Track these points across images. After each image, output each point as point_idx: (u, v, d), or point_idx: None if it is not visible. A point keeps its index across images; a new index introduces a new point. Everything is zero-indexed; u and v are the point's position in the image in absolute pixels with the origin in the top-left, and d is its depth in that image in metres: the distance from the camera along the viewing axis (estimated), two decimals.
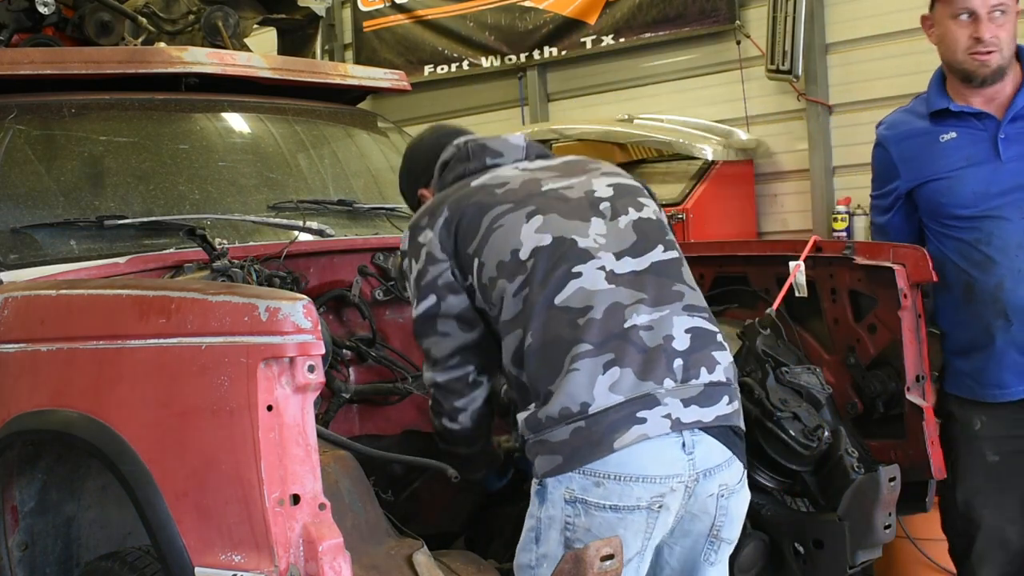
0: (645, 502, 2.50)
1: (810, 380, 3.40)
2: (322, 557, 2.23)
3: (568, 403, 2.49)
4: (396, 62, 8.88)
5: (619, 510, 2.49)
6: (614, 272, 2.62)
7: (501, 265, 2.66)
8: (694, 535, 2.68)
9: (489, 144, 2.92)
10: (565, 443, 2.49)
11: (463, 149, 2.92)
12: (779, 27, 7.00)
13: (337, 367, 3.52)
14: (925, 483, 3.46)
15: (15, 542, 2.92)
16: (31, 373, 2.74)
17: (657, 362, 2.53)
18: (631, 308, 2.57)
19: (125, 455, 2.44)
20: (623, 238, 2.70)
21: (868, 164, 3.71)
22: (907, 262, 3.40)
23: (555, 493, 2.52)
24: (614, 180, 2.84)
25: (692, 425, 2.53)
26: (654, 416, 2.49)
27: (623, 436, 2.47)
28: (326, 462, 2.48)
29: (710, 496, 2.62)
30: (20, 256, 3.32)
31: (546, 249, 2.64)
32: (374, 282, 3.70)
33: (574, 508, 2.51)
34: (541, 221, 2.67)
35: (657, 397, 2.51)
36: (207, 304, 2.38)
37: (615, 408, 2.48)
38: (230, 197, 3.86)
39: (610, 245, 2.67)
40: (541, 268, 2.62)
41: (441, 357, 2.80)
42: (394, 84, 4.77)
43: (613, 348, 2.52)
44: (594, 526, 2.50)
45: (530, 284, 2.61)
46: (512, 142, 2.94)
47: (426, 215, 2.80)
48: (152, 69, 4.02)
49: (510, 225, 2.68)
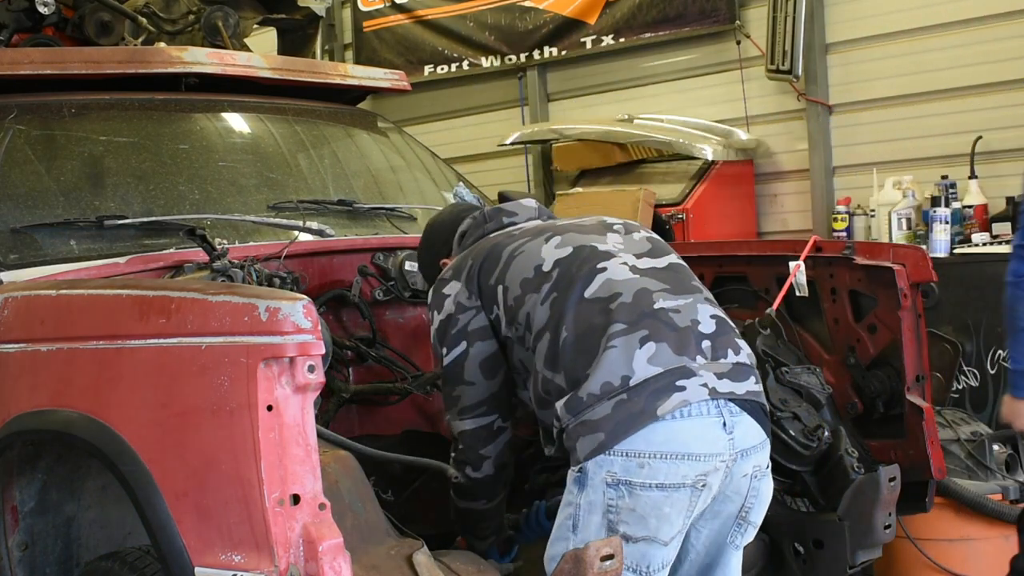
0: (691, 480, 2.55)
1: (810, 380, 3.40)
2: (322, 557, 2.23)
3: (609, 378, 2.55)
4: (396, 62, 8.87)
5: (665, 488, 2.54)
6: (636, 267, 2.77)
7: (525, 282, 2.79)
8: (723, 516, 2.72)
9: (505, 207, 3.12)
10: (608, 418, 2.54)
11: (480, 215, 3.11)
12: (779, 27, 6.99)
13: (337, 367, 3.52)
14: (925, 483, 3.46)
15: (15, 542, 2.92)
16: (31, 373, 2.74)
17: (688, 340, 2.64)
18: (657, 294, 2.70)
19: (125, 455, 2.44)
20: (639, 246, 2.87)
21: (868, 164, 3.72)
22: (907, 262, 3.40)
23: (596, 477, 2.55)
24: (624, 220, 3.04)
25: (726, 396, 2.61)
26: (692, 384, 2.57)
27: (665, 403, 2.53)
28: (326, 462, 2.47)
29: (744, 476, 2.67)
30: (20, 256, 3.32)
31: (568, 257, 2.79)
32: (374, 282, 3.71)
33: (617, 490, 2.54)
34: (560, 239, 2.85)
35: (692, 369, 2.60)
36: (207, 304, 2.38)
37: (655, 378, 2.56)
38: (230, 197, 3.86)
39: (628, 249, 2.84)
40: (566, 272, 2.75)
41: (469, 405, 2.91)
42: (394, 84, 4.77)
43: (646, 325, 2.62)
44: (639, 506, 2.54)
45: (557, 288, 2.73)
46: (525, 204, 3.14)
47: (451, 270, 2.97)
48: (152, 69, 4.01)
49: (530, 249, 2.85)
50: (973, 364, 5.45)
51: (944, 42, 6.55)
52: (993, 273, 5.41)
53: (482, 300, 2.87)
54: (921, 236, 6.09)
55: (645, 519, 2.54)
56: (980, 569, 4.28)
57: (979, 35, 6.42)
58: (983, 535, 4.28)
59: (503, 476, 3.01)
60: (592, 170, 7.37)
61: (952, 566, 4.23)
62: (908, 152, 6.67)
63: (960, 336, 5.36)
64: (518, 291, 2.80)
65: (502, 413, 2.94)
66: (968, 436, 4.47)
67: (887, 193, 6.31)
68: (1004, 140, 6.31)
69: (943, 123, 6.55)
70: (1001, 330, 5.33)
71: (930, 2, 6.59)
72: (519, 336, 2.81)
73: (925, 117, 6.64)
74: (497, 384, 2.91)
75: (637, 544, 2.56)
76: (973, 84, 6.46)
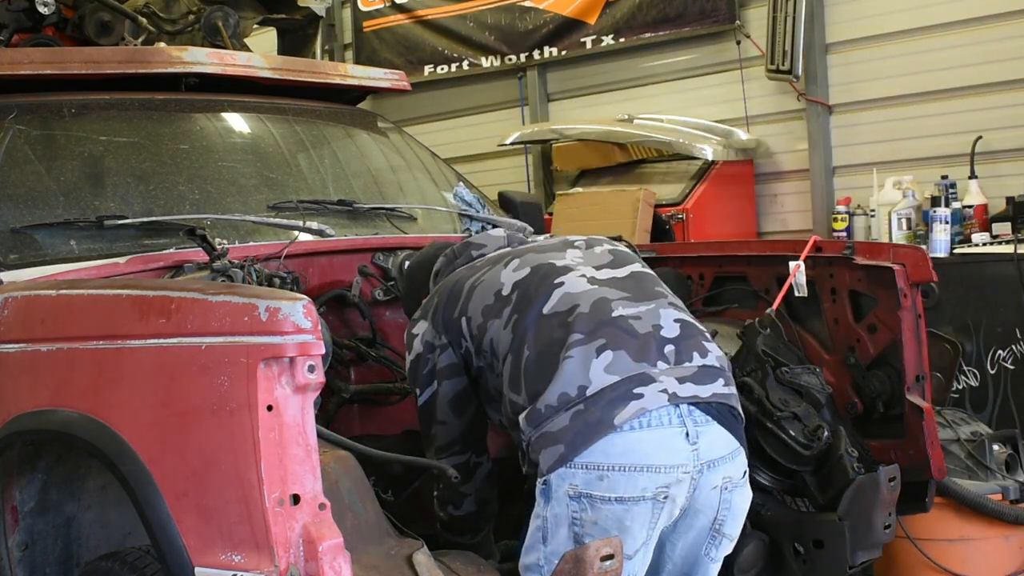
0: (651, 492, 2.53)
1: (810, 380, 3.40)
2: (322, 557, 2.23)
3: (565, 388, 2.54)
4: (396, 62, 8.87)
5: (624, 501, 2.52)
6: (595, 278, 2.76)
7: (487, 309, 2.80)
8: (696, 529, 2.70)
9: (474, 240, 3.13)
10: (566, 429, 2.52)
11: (451, 252, 3.13)
12: (779, 27, 6.99)
13: (337, 367, 3.52)
14: (925, 483, 3.46)
15: (15, 542, 2.92)
16: (31, 373, 2.74)
17: (648, 347, 2.61)
18: (617, 302, 2.67)
19: (125, 455, 2.44)
20: (600, 258, 2.87)
21: (868, 164, 3.72)
22: (907, 262, 3.40)
23: (559, 491, 2.54)
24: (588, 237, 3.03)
25: (688, 400, 2.57)
26: (651, 391, 2.54)
27: (622, 412, 2.51)
28: (326, 462, 2.47)
29: (714, 489, 2.64)
30: (20, 256, 3.32)
31: (526, 278, 2.79)
32: (374, 282, 3.70)
33: (579, 503, 2.53)
34: (518, 262, 2.85)
35: (652, 375, 2.57)
36: (207, 304, 2.38)
37: (611, 387, 2.53)
38: (230, 197, 3.86)
39: (588, 261, 2.83)
40: (524, 293, 2.75)
41: (443, 445, 2.95)
42: (394, 84, 4.76)
43: (604, 334, 2.59)
44: (601, 519, 2.53)
45: (517, 310, 2.73)
46: (494, 235, 3.15)
47: (420, 310, 2.99)
48: (152, 69, 4.01)
49: (489, 278, 2.85)
50: (973, 364, 5.45)
51: (944, 42, 6.56)
52: (993, 273, 5.43)
53: (448, 336, 2.89)
54: (921, 236, 6.09)
55: (607, 532, 2.53)
56: (980, 569, 4.28)
57: (979, 35, 6.42)
58: (983, 535, 4.28)
59: (486, 512, 3.05)
60: (592, 170, 7.37)
61: (952, 566, 4.23)
62: (908, 152, 6.67)
63: (960, 336, 5.36)
64: (480, 319, 2.81)
65: (476, 449, 2.99)
66: (968, 436, 4.47)
67: (887, 193, 6.31)
68: (1004, 140, 6.31)
69: (943, 123, 6.55)
70: (1001, 330, 5.34)
71: (930, 2, 6.59)
72: (488, 364, 2.83)
73: (925, 117, 6.64)
74: (467, 421, 2.95)
75: None
76: (973, 84, 6.46)
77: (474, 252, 3.08)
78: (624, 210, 6.32)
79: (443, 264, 3.13)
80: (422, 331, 2.94)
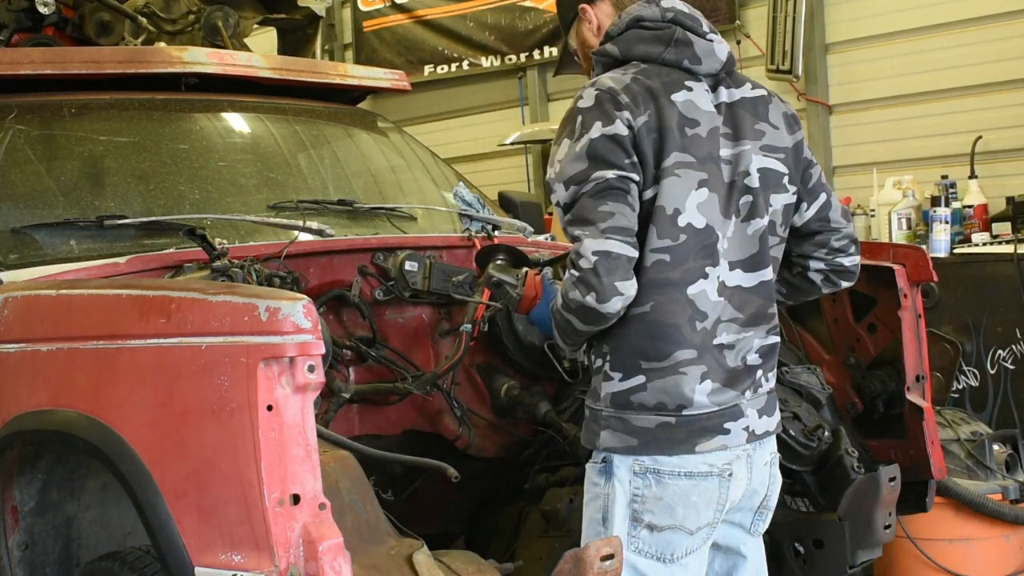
0: (718, 468, 2.55)
1: (810, 380, 3.40)
2: (322, 557, 2.23)
3: (666, 399, 2.52)
4: (396, 62, 8.88)
5: (693, 476, 2.53)
6: (724, 284, 2.57)
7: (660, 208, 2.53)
8: (745, 510, 2.72)
9: (695, 44, 2.63)
10: (647, 431, 2.52)
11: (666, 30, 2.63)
12: (779, 27, 6.99)
13: (337, 367, 3.52)
14: (925, 483, 3.46)
15: (15, 542, 2.92)
16: (31, 373, 2.74)
17: (740, 377, 2.60)
18: (725, 324, 2.57)
19: (125, 455, 2.44)
20: (745, 248, 2.61)
21: (868, 164, 3.72)
22: (907, 262, 3.40)
23: (622, 466, 2.55)
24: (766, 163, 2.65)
25: (762, 436, 2.63)
26: (736, 428, 2.57)
27: (705, 443, 2.53)
28: (326, 462, 2.47)
29: (764, 465, 2.68)
30: (20, 256, 3.32)
31: (699, 233, 2.53)
32: (374, 282, 3.70)
33: (644, 479, 2.53)
34: (705, 196, 2.54)
35: (741, 408, 2.58)
36: (207, 304, 2.38)
37: (707, 416, 2.53)
38: (230, 197, 3.86)
39: (731, 252, 2.59)
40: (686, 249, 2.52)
41: (623, 227, 2.47)
42: (394, 84, 4.76)
43: (706, 361, 2.55)
44: (667, 495, 2.53)
45: (671, 251, 2.52)
46: (717, 53, 2.66)
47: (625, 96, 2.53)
48: (152, 69, 4.01)
49: (684, 180, 2.53)
50: (973, 364, 5.46)
51: (944, 42, 6.56)
52: (993, 273, 5.43)
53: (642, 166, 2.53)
54: (921, 236, 6.10)
55: (672, 508, 2.53)
56: (980, 569, 4.29)
57: (979, 35, 6.43)
58: (983, 535, 4.29)
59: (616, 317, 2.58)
60: None
61: (952, 566, 4.24)
62: (908, 152, 6.68)
63: (960, 336, 5.36)
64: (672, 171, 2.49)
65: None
66: (968, 436, 4.47)
67: (887, 193, 6.31)
68: (1004, 140, 6.32)
69: (943, 123, 6.56)
70: (1001, 330, 5.34)
71: (930, 2, 6.60)
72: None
73: (925, 117, 6.65)
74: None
75: (662, 533, 2.55)
76: (973, 84, 6.46)
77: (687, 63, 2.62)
78: None
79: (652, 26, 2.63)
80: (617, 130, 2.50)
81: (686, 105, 2.58)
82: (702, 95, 2.62)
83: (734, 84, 2.70)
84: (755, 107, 2.69)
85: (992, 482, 4.36)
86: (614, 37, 2.68)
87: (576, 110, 2.58)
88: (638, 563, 2.56)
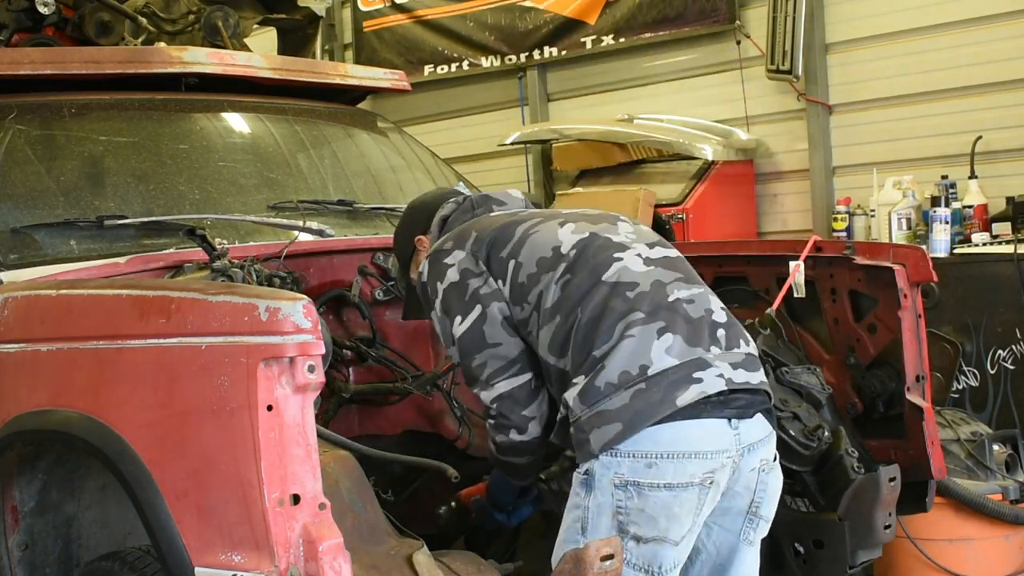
0: (698, 478, 2.55)
1: (810, 380, 3.40)
2: (322, 557, 2.23)
3: (627, 367, 2.55)
4: (396, 62, 8.87)
5: (673, 488, 2.54)
6: (649, 258, 2.76)
7: (542, 261, 2.75)
8: (733, 513, 2.72)
9: (493, 195, 3.05)
10: (625, 408, 2.53)
11: (466, 201, 3.04)
12: (779, 27, 6.99)
13: (337, 367, 3.52)
14: (925, 483, 3.46)
15: (15, 542, 2.92)
16: (31, 373, 2.74)
17: (702, 331, 2.64)
18: (671, 285, 2.69)
19: (125, 455, 2.44)
20: (649, 236, 2.86)
21: (868, 164, 3.72)
22: (907, 262, 3.40)
23: (603, 479, 2.55)
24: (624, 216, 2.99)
25: (741, 386, 2.62)
26: (709, 375, 2.58)
27: (684, 394, 2.54)
28: (326, 462, 2.48)
29: (752, 471, 2.68)
30: (20, 256, 3.32)
31: (585, 240, 2.76)
32: (374, 282, 3.70)
33: (625, 491, 2.54)
34: (574, 226, 2.82)
35: (707, 360, 2.60)
36: (207, 304, 2.38)
37: (672, 369, 2.56)
38: (230, 197, 3.86)
39: (640, 239, 2.82)
40: (582, 255, 2.73)
41: (499, 368, 2.77)
42: (394, 84, 4.77)
43: (663, 317, 2.61)
44: (649, 507, 2.54)
45: (572, 271, 2.71)
46: (513, 195, 3.08)
47: (449, 240, 2.88)
48: (152, 69, 4.01)
49: (545, 230, 2.81)
50: (973, 364, 5.45)
51: (944, 42, 6.55)
52: (993, 273, 5.43)
53: (490, 269, 2.80)
54: (921, 236, 6.09)
55: (655, 519, 2.54)
56: (980, 569, 4.28)
57: (979, 35, 6.42)
58: (983, 535, 4.28)
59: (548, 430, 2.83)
60: (592, 170, 7.37)
61: (952, 566, 4.24)
62: (908, 152, 6.67)
63: (960, 336, 5.36)
64: (533, 268, 2.74)
65: (535, 371, 2.79)
66: (968, 436, 4.47)
67: (887, 193, 6.31)
68: (1004, 140, 6.31)
69: (943, 123, 6.56)
70: (1001, 330, 5.34)
71: (930, 2, 6.59)
72: (523, 318, 2.75)
73: (925, 117, 6.64)
74: (522, 343, 2.79)
75: (648, 544, 2.56)
76: (973, 84, 6.46)
77: (495, 207, 3.03)
78: (624, 210, 6.25)
79: (455, 211, 3.04)
80: (458, 259, 2.81)
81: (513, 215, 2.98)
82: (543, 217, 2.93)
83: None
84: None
85: (992, 482, 4.36)
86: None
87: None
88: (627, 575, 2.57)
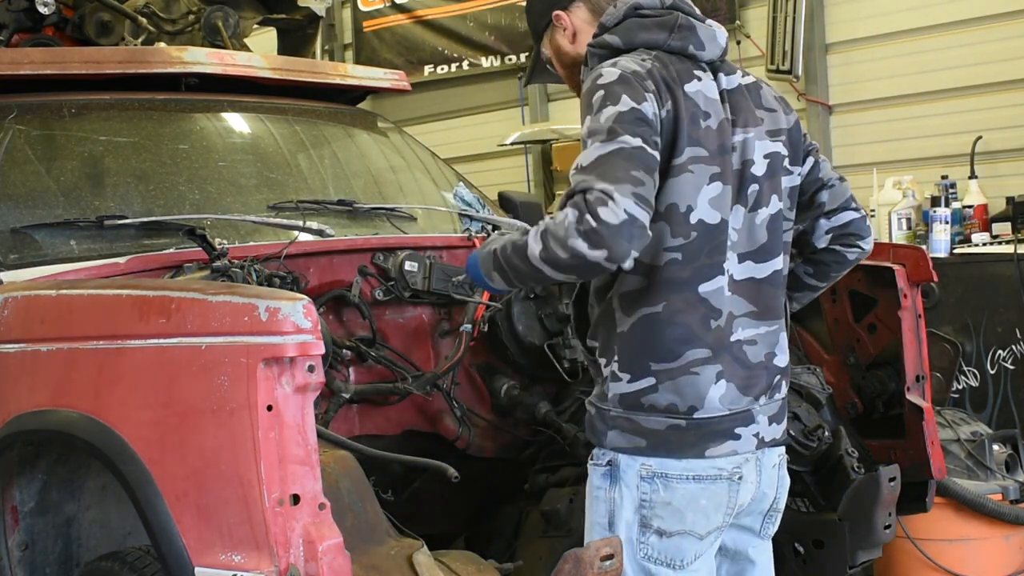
0: (727, 472, 2.52)
1: (810, 380, 3.40)
2: (322, 557, 2.23)
3: (677, 401, 2.47)
4: (396, 62, 8.88)
5: (702, 480, 2.50)
6: (734, 278, 2.52)
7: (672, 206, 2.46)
8: (755, 513, 2.69)
9: (698, 29, 2.56)
10: (656, 432, 2.48)
11: (668, 16, 2.55)
12: (779, 27, 6.99)
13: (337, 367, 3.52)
14: (925, 483, 3.46)
15: (15, 542, 2.92)
16: (31, 373, 2.74)
17: (758, 379, 2.55)
18: (739, 320, 2.53)
19: (125, 455, 2.44)
20: (754, 238, 2.56)
21: (868, 164, 3.72)
22: (907, 262, 3.40)
23: (628, 471, 2.50)
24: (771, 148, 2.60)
25: (769, 444, 2.59)
26: (747, 434, 2.53)
27: (715, 448, 2.49)
28: (326, 462, 2.47)
29: (773, 467, 2.66)
30: (20, 256, 3.32)
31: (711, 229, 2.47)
32: (374, 282, 3.70)
33: (652, 484, 2.49)
34: (718, 191, 2.48)
35: (753, 414, 2.54)
36: (207, 304, 2.38)
37: (718, 420, 2.49)
38: (230, 197, 3.86)
39: (739, 244, 2.54)
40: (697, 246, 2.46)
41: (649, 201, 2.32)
42: (394, 84, 4.76)
43: (722, 360, 2.49)
44: (676, 499, 2.49)
45: (683, 250, 2.45)
46: (718, 39, 2.59)
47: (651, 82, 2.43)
48: (152, 69, 4.01)
49: (697, 176, 2.45)
50: (973, 364, 5.46)
51: (944, 42, 6.56)
52: (993, 273, 5.43)
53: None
54: (921, 236, 6.10)
55: (682, 513, 2.50)
56: (980, 569, 4.29)
57: (979, 35, 6.43)
58: (983, 535, 4.29)
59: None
60: None
61: (952, 566, 4.24)
62: (908, 152, 6.68)
63: (960, 336, 5.36)
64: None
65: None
66: (968, 436, 4.47)
67: (887, 193, 6.31)
68: (1004, 140, 6.32)
69: (943, 123, 6.56)
70: (1001, 330, 5.34)
71: (930, 2, 6.60)
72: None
73: (925, 117, 6.65)
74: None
75: (671, 538, 2.51)
76: (973, 84, 6.46)
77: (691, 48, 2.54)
78: None
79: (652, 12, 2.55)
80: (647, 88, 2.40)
81: (698, 96, 2.50)
82: (710, 84, 2.54)
83: (729, 71, 2.64)
84: (750, 93, 2.65)
85: (992, 482, 4.36)
86: (610, 28, 2.59)
87: (598, 86, 2.42)
88: (649, 569, 2.53)
